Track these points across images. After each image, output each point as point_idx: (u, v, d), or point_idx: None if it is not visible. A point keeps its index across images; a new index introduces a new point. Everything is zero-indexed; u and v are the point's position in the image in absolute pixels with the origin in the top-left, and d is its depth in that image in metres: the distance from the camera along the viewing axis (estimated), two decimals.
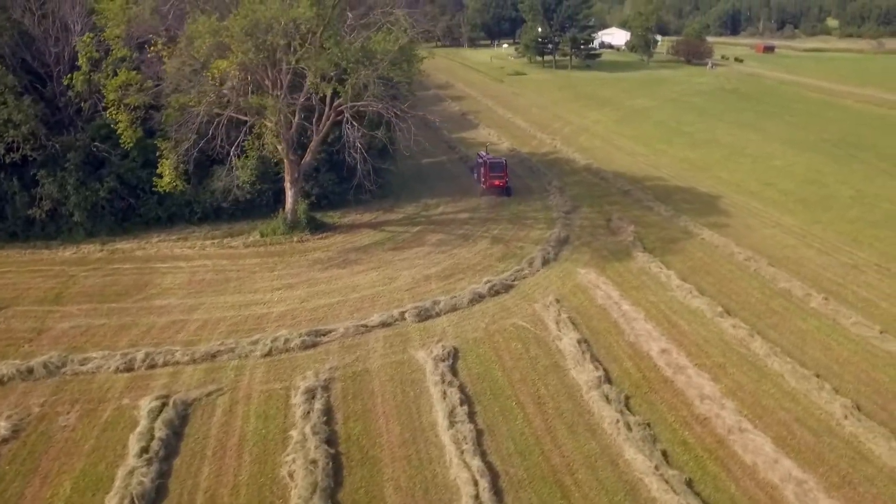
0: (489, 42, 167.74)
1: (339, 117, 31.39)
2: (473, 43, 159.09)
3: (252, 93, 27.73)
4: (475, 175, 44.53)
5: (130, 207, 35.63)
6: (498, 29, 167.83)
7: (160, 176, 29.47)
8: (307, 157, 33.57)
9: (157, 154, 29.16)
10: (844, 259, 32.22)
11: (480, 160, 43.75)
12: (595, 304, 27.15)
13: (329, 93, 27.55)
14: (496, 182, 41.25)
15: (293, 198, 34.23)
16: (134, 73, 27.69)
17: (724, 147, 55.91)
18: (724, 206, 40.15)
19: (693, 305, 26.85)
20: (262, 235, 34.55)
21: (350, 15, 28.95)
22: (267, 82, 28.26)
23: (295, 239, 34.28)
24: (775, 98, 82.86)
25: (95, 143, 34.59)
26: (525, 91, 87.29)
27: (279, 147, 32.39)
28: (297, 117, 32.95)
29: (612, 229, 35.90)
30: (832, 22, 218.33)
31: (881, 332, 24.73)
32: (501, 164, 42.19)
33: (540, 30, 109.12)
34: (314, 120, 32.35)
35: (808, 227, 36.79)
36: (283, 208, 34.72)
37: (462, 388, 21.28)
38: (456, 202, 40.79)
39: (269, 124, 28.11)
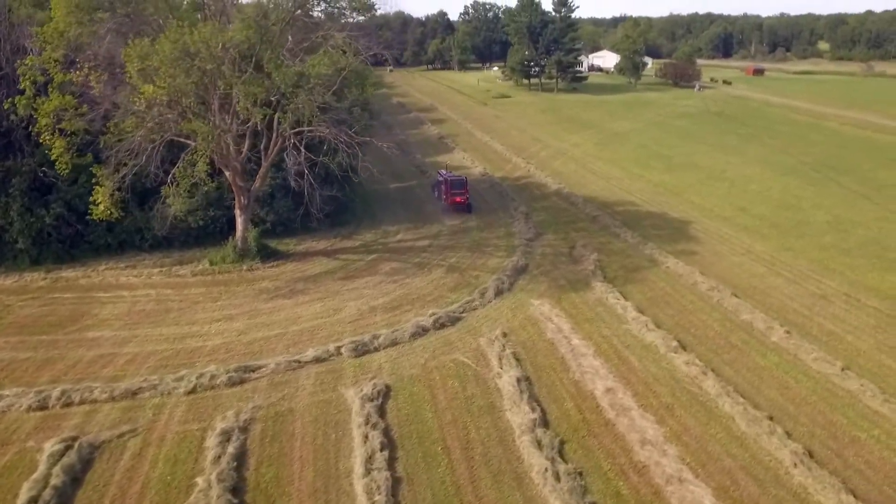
0: (480, 65, 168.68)
1: (286, 143, 30.43)
2: (463, 66, 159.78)
3: (190, 118, 26.68)
4: (436, 193, 45.27)
5: (78, 234, 34.55)
6: (489, 52, 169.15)
7: (96, 203, 28.27)
8: (257, 184, 32.56)
9: (94, 181, 28.10)
10: (813, 288, 30.95)
11: (441, 178, 44.56)
12: (544, 338, 25.81)
13: (259, 118, 26.60)
14: (457, 199, 42.12)
15: (243, 225, 33.15)
16: (69, 97, 26.73)
17: (701, 171, 54.97)
18: (694, 233, 38.99)
19: (647, 340, 25.51)
20: (211, 264, 33.39)
21: (290, 38, 28.16)
22: (206, 107, 27.25)
23: (244, 267, 33.10)
24: (760, 120, 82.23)
25: (43, 168, 33.62)
26: (507, 114, 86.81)
27: (226, 173, 31.37)
28: (247, 142, 32.04)
29: (574, 257, 34.69)
30: (823, 45, 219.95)
31: (842, 370, 23.34)
32: (462, 182, 43.23)
33: (527, 52, 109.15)
34: (262, 146, 31.42)
35: (779, 254, 35.59)
36: (234, 236, 33.61)
37: (387, 431, 19.91)
38: (417, 229, 39.66)
39: (202, 150, 27.05)
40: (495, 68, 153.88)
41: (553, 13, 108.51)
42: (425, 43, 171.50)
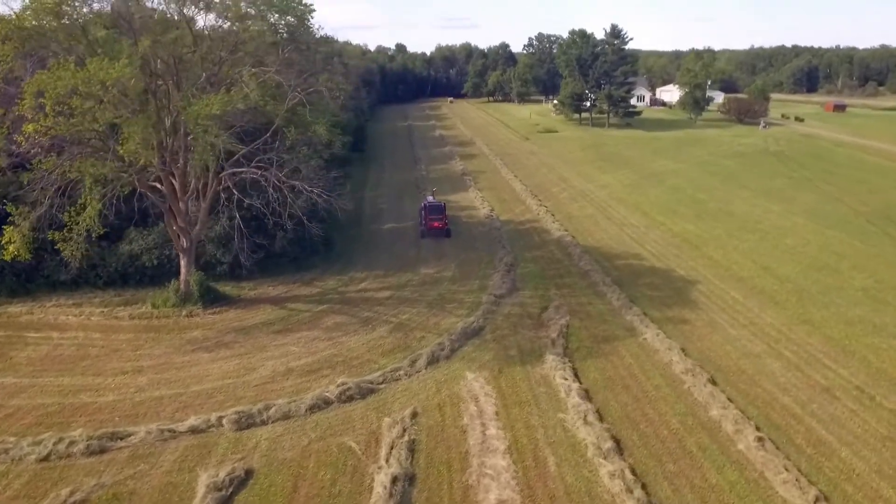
0: (542, 98, 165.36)
1: (220, 185, 28.57)
2: (523, 98, 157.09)
3: (86, 158, 25.22)
4: (421, 219, 45.49)
5: (34, 268, 34.02)
6: (552, 84, 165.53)
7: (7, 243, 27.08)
8: (197, 227, 30.84)
9: (8, 219, 27.13)
10: (818, 377, 25.44)
11: (424, 204, 46.07)
12: (458, 423, 22.04)
13: (152, 161, 24.73)
14: (435, 224, 43.61)
15: (186, 267, 31.47)
16: None
17: (734, 219, 49.08)
18: (695, 296, 33.85)
19: (579, 436, 21.19)
20: (153, 306, 31.87)
21: (203, 74, 26.37)
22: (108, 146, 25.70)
23: (184, 313, 31.29)
24: (822, 162, 74.12)
25: None
26: (544, 150, 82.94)
27: (167, 218, 29.81)
28: (192, 183, 30.50)
29: (541, 321, 30.57)
30: None
31: (816, 501, 18.19)
32: (440, 207, 44.98)
33: (577, 86, 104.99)
34: (199, 188, 29.74)
35: (791, 328, 30.01)
36: (177, 278, 31.98)
37: None
38: (386, 277, 36.71)
39: (92, 194, 25.49)
40: (554, 101, 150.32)
41: (606, 45, 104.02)
42: (486, 74, 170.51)
